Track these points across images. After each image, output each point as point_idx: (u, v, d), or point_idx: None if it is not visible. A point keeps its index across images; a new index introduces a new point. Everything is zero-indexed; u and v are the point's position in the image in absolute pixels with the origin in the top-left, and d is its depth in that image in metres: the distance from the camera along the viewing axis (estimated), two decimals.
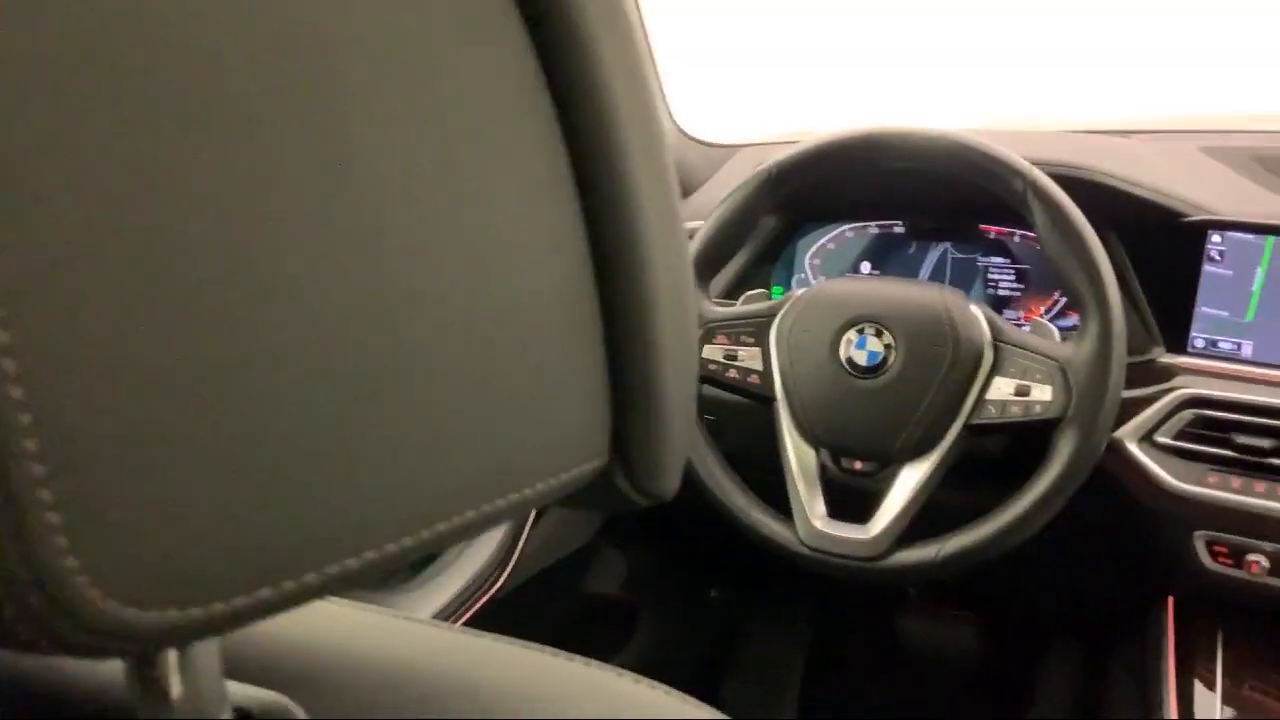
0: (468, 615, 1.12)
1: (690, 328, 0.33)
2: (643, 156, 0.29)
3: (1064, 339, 1.07)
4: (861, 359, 1.07)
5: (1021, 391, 1.03)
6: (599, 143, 0.28)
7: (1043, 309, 1.28)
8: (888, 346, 1.06)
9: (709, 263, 1.15)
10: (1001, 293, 1.31)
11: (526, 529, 1.25)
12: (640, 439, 0.32)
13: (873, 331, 1.07)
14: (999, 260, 1.31)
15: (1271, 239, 1.13)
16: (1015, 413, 1.03)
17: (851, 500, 1.09)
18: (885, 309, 1.07)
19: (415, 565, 1.19)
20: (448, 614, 1.10)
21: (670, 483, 0.34)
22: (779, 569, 1.18)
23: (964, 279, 1.32)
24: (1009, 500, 1.03)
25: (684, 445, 0.34)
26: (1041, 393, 1.02)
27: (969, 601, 1.79)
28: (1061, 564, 1.40)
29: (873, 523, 1.06)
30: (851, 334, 1.08)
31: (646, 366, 0.30)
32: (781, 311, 1.12)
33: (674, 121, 1.55)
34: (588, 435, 0.30)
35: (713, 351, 1.14)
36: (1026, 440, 1.07)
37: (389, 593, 1.12)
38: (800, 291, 1.13)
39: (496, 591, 1.19)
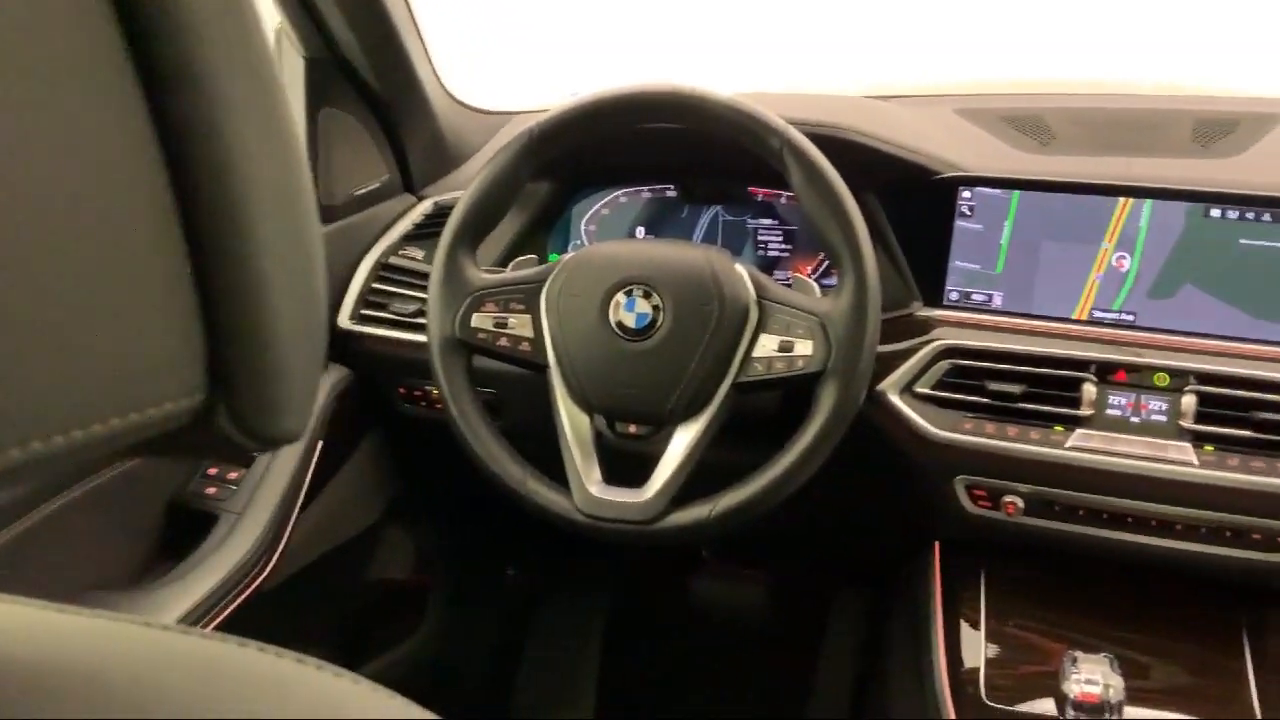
0: (228, 611, 1.05)
1: (308, 252, 0.30)
2: (231, 60, 0.26)
3: (825, 295, 1.08)
4: (631, 321, 1.06)
5: (785, 347, 1.04)
6: (174, 43, 0.25)
7: (810, 268, 1.31)
8: (656, 308, 1.05)
9: (474, 228, 1.12)
10: (771, 253, 1.33)
11: (295, 514, 1.19)
12: (245, 375, 0.28)
13: (641, 293, 1.06)
14: (768, 222, 1.32)
15: (1017, 193, 1.18)
16: (780, 368, 1.04)
17: (628, 465, 1.09)
18: (652, 270, 1.06)
19: (169, 559, 1.11)
20: (203, 611, 1.03)
21: (288, 424, 0.30)
22: (576, 542, 1.16)
23: (735, 241, 1.33)
24: (777, 455, 1.04)
25: (306, 383, 0.31)
26: (804, 347, 1.03)
27: (760, 560, 1.82)
28: (840, 517, 1.44)
29: (647, 486, 1.05)
30: (620, 296, 1.06)
31: (246, 294, 0.27)
32: (550, 277, 1.10)
33: (444, 88, 1.50)
34: (175, 368, 0.27)
35: (482, 320, 1.11)
36: (798, 396, 1.09)
37: (140, 591, 1.04)
38: (568, 256, 1.11)
39: (263, 584, 1.13)
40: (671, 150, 1.29)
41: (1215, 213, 1.10)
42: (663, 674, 1.81)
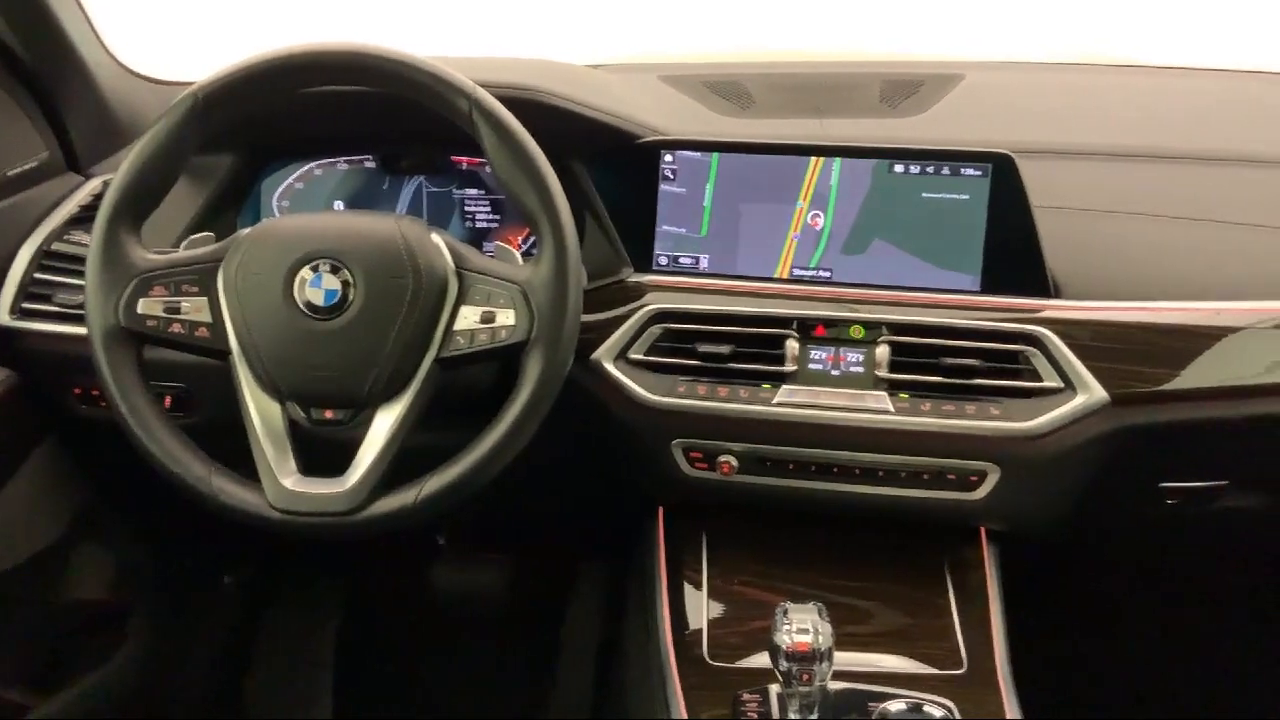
0: None
1: None
2: None
3: (527, 263, 1.05)
4: (318, 299, 0.98)
5: (487, 318, 0.99)
6: None
7: (521, 239, 1.27)
8: (345, 283, 0.98)
9: (135, 204, 1.01)
10: (480, 225, 1.28)
11: None
12: None
13: (328, 268, 0.98)
14: (474, 192, 1.28)
15: (716, 156, 1.19)
16: (483, 341, 0.99)
17: (329, 453, 1.01)
18: (339, 243, 0.99)
19: None
20: None
21: None
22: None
23: (441, 213, 1.28)
24: (484, 431, 1.00)
25: None
26: (506, 317, 0.99)
27: (499, 542, 1.78)
28: (568, 491, 1.42)
29: (348, 474, 0.98)
30: (305, 272, 0.98)
31: None
32: (227, 255, 1.01)
33: (112, 55, 1.36)
34: None
35: (150, 306, 1.00)
36: (513, 369, 1.05)
37: None
38: (245, 231, 1.02)
39: None
40: (369, 118, 1.22)
41: (899, 168, 1.14)
42: (405, 668, 1.74)
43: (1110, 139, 1.31)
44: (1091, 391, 1.08)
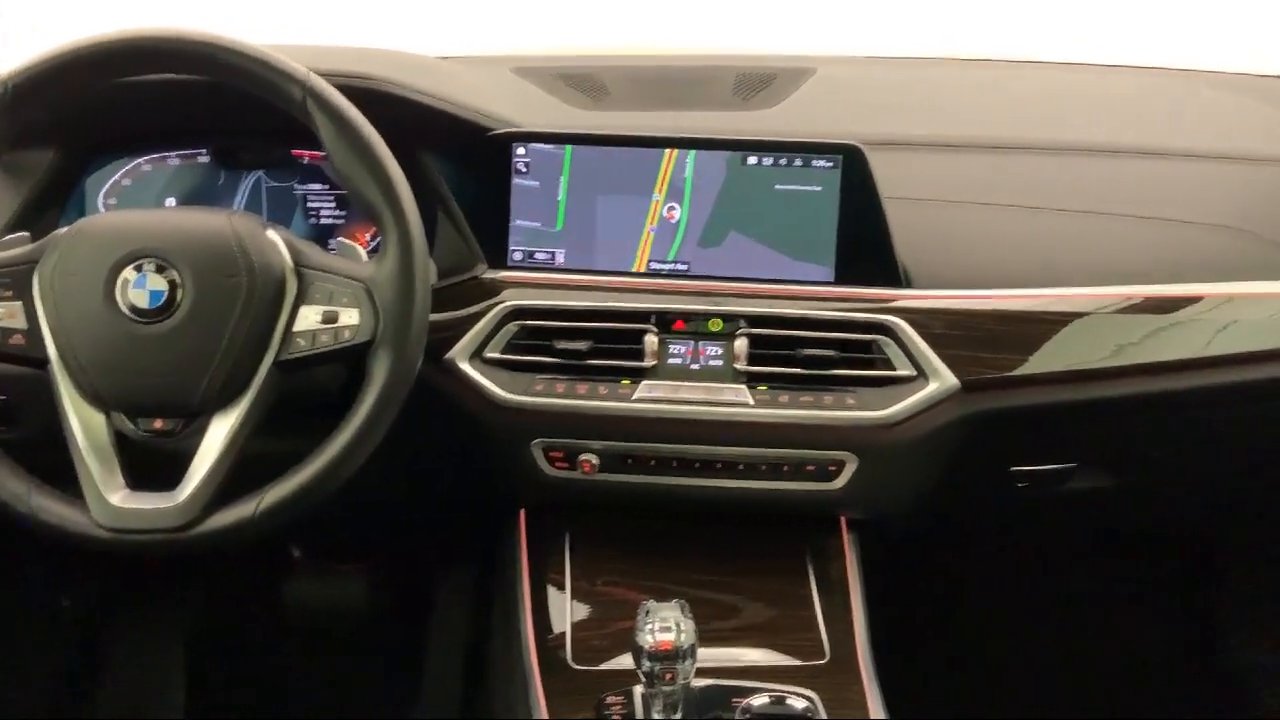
0: None
1: None
2: None
3: (371, 259, 1.00)
4: (143, 300, 0.92)
5: (330, 318, 0.95)
6: None
7: (368, 235, 1.22)
8: (172, 283, 0.92)
9: None
10: (325, 221, 1.23)
11: None
12: None
13: (152, 267, 0.92)
14: (317, 187, 1.22)
15: (570, 148, 1.16)
16: (325, 342, 0.95)
17: (160, 466, 0.95)
18: (164, 241, 0.93)
19: None
20: None
21: None
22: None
23: (282, 209, 1.22)
24: (329, 437, 0.95)
25: None
26: (349, 317, 0.95)
27: (356, 552, 1.72)
28: (427, 496, 1.38)
29: (180, 487, 0.93)
30: (129, 273, 0.92)
31: None
32: (43, 256, 0.94)
33: None
34: None
35: None
36: (361, 371, 1.00)
37: None
38: (62, 230, 0.96)
39: None
40: (201, 109, 1.16)
41: (752, 160, 1.14)
42: (261, 689, 1.66)
43: (958, 131, 1.34)
44: (943, 379, 1.09)
